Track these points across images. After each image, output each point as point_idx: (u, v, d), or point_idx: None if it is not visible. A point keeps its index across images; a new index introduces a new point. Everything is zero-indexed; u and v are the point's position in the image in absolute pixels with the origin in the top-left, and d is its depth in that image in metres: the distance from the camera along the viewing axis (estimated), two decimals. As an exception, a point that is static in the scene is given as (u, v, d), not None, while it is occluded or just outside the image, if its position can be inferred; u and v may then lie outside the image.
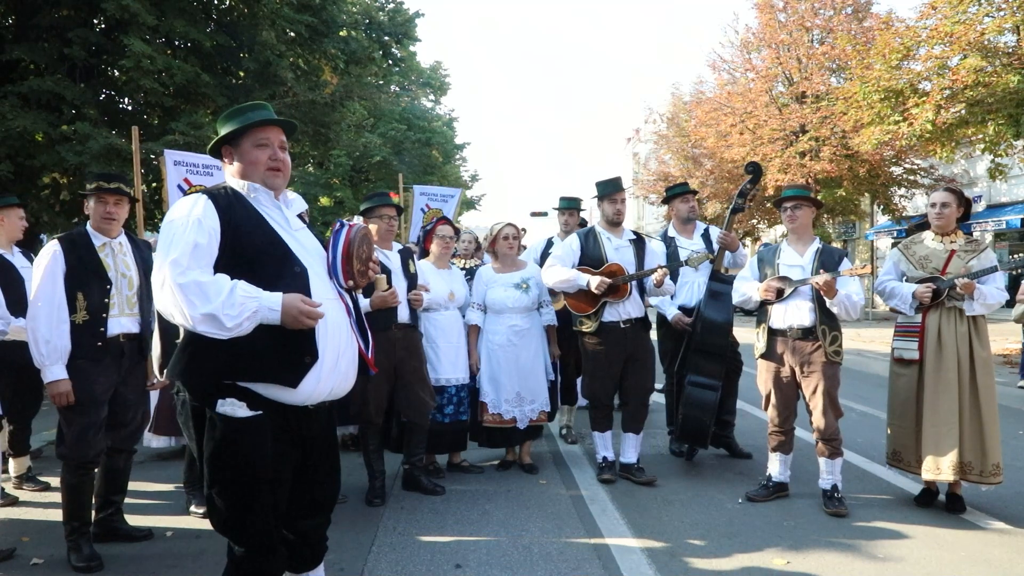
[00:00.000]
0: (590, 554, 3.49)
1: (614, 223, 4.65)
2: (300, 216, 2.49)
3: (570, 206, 5.98)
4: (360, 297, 4.06)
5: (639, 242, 4.68)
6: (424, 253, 5.01)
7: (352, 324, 2.40)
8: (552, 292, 4.96)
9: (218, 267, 2.17)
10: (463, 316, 4.87)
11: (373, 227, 4.33)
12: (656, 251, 4.84)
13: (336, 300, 2.35)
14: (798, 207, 4.23)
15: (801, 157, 18.55)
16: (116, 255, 3.53)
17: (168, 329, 3.79)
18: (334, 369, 2.30)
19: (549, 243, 5.96)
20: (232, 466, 2.20)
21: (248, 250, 2.22)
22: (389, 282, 4.10)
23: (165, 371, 2.42)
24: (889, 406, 4.24)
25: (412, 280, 4.43)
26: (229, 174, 2.38)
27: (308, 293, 2.23)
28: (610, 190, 4.62)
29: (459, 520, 3.98)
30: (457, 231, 5.25)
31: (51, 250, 3.36)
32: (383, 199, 4.46)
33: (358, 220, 4.23)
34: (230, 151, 2.37)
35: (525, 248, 6.22)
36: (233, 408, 2.18)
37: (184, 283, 2.08)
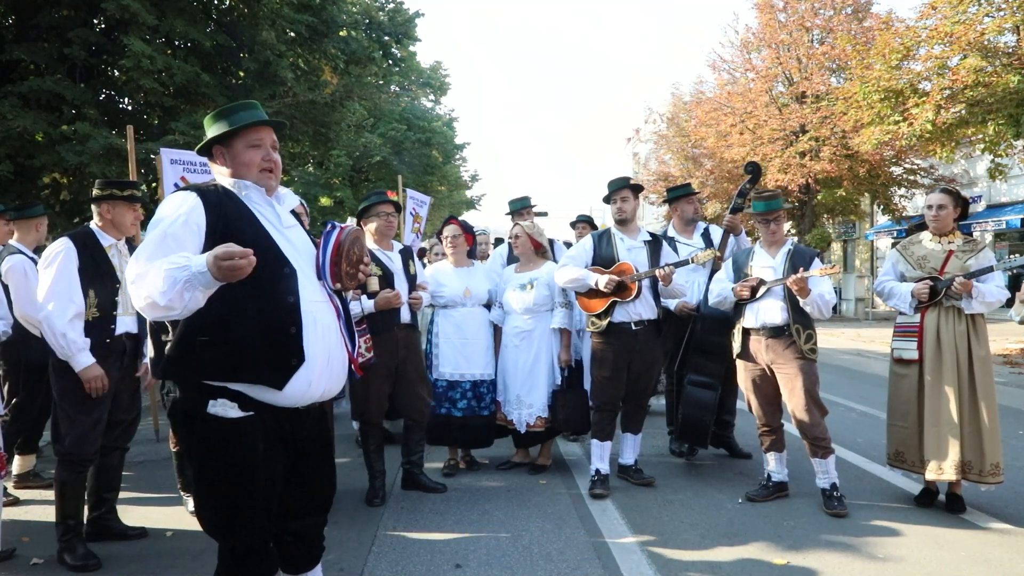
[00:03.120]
0: (590, 554, 3.49)
1: (618, 221, 4.63)
2: (294, 212, 2.46)
3: (522, 206, 5.86)
4: (364, 300, 4.05)
5: (655, 243, 4.63)
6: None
7: (341, 326, 2.37)
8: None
9: None
10: (487, 312, 4.92)
11: (372, 225, 4.32)
12: (674, 253, 4.80)
13: (326, 302, 2.32)
14: (778, 220, 4.30)
15: (801, 157, 18.56)
16: (121, 256, 3.61)
17: (157, 330, 3.78)
18: (326, 370, 2.27)
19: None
20: (225, 467, 2.17)
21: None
22: (383, 283, 4.06)
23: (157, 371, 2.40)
24: (889, 406, 4.24)
25: (412, 281, 4.42)
26: (219, 174, 2.32)
27: (297, 295, 2.20)
28: (611, 189, 4.62)
29: (459, 520, 3.98)
30: (471, 231, 5.22)
31: (63, 246, 3.39)
32: (380, 196, 4.44)
33: (351, 222, 4.20)
34: (221, 151, 2.30)
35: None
36: (224, 409, 2.14)
37: (132, 279, 2.03)
